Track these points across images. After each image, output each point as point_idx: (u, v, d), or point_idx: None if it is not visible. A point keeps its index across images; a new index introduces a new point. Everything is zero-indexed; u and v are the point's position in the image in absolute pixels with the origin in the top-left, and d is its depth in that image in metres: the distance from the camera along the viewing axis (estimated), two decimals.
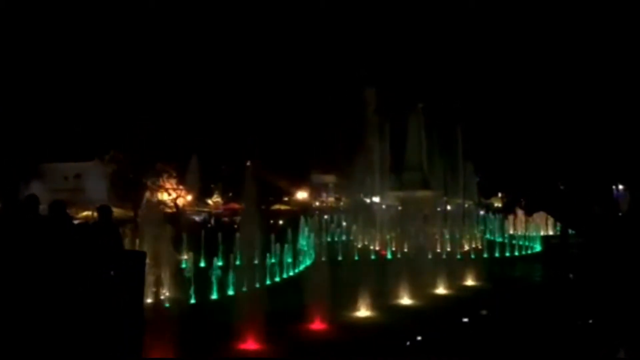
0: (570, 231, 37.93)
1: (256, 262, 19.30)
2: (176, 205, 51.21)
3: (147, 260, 9.68)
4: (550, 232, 43.42)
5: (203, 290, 18.08)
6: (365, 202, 62.63)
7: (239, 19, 58.58)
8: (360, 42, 52.37)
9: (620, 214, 39.56)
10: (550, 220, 44.27)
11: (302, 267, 25.34)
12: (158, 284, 14.94)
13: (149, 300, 12.70)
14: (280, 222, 45.45)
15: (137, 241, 23.02)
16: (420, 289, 18.70)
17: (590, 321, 13.43)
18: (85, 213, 41.63)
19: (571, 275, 23.00)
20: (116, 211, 46.12)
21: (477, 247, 30.56)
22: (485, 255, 29.78)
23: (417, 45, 45.25)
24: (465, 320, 14.41)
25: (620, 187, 48.22)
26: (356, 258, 27.97)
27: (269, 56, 58.77)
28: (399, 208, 48.61)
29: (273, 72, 58.18)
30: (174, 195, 51.91)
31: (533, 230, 35.92)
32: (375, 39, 50.59)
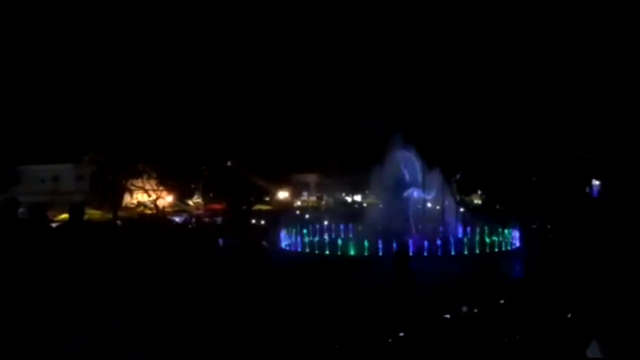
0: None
1: None
2: (156, 207, 50.83)
3: None
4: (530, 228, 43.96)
5: None
6: (346, 201, 62.83)
7: (216, 20, 58.34)
8: (345, 42, 52.59)
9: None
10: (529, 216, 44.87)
11: None
12: None
13: None
14: (262, 222, 45.34)
15: None
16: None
17: (569, 315, 13.66)
18: (63, 216, 41.06)
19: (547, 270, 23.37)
20: (95, 213, 45.84)
21: (456, 243, 30.89)
22: (465, 252, 30.13)
23: (402, 52, 45.68)
24: (447, 316, 14.55)
25: (596, 182, 49.15)
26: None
27: (249, 56, 58.64)
28: (380, 206, 48.87)
29: (254, 72, 58.09)
30: (153, 196, 51.48)
31: (513, 227, 36.29)
32: (360, 40, 50.89)
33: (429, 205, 47.43)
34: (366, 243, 29.72)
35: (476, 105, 49.54)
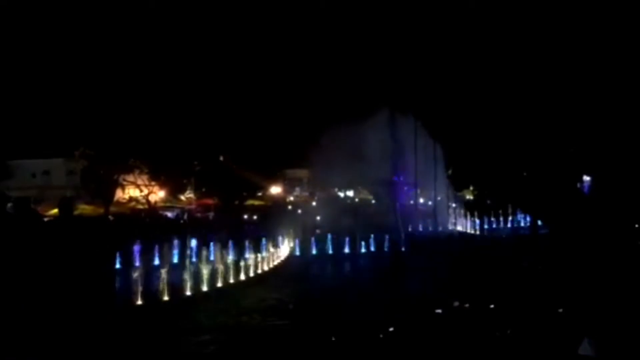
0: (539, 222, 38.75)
1: None
2: (148, 202, 50.53)
3: None
4: (521, 224, 44.22)
5: None
6: (339, 196, 62.84)
7: (209, 16, 58.04)
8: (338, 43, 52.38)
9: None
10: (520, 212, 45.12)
11: None
12: None
13: None
14: (255, 217, 45.36)
15: None
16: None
17: (560, 310, 13.71)
18: (54, 210, 40.83)
19: (540, 267, 23.48)
20: (87, 208, 45.53)
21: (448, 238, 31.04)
22: (457, 247, 30.28)
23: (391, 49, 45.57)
24: (439, 311, 14.59)
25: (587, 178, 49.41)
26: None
27: (242, 51, 58.37)
28: (372, 202, 48.98)
29: (246, 67, 57.83)
30: (145, 191, 51.16)
31: (503, 222, 36.61)
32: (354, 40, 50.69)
33: (421, 200, 47.60)
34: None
35: (467, 101, 49.60)
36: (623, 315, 12.05)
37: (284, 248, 28.56)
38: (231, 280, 20.34)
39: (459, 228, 37.98)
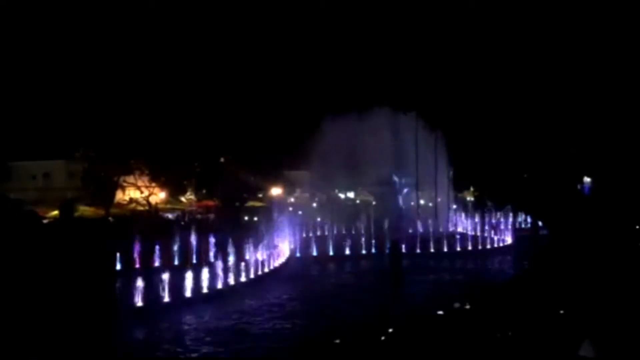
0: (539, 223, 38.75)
1: None
2: (149, 203, 50.46)
3: None
4: (522, 225, 44.19)
5: None
6: (339, 197, 62.80)
7: (210, 15, 58.09)
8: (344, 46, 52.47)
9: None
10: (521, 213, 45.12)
11: None
12: None
13: None
14: (255, 218, 45.28)
15: None
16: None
17: (562, 312, 13.70)
18: (54, 212, 40.81)
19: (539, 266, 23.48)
20: (87, 210, 45.45)
21: (450, 240, 30.96)
22: (457, 249, 30.20)
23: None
24: (440, 312, 14.58)
25: (587, 179, 49.41)
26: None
27: (243, 54, 58.48)
28: (373, 203, 48.96)
29: (246, 68, 57.94)
30: (146, 192, 51.10)
31: (504, 223, 36.49)
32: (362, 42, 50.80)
33: (422, 201, 47.55)
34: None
35: (468, 104, 49.71)
36: (623, 316, 12.03)
37: (285, 249, 28.50)
38: (231, 282, 20.30)
39: (460, 229, 37.90)
